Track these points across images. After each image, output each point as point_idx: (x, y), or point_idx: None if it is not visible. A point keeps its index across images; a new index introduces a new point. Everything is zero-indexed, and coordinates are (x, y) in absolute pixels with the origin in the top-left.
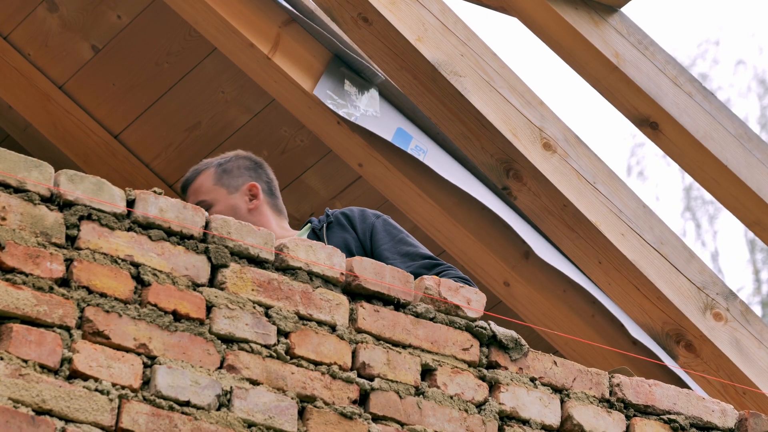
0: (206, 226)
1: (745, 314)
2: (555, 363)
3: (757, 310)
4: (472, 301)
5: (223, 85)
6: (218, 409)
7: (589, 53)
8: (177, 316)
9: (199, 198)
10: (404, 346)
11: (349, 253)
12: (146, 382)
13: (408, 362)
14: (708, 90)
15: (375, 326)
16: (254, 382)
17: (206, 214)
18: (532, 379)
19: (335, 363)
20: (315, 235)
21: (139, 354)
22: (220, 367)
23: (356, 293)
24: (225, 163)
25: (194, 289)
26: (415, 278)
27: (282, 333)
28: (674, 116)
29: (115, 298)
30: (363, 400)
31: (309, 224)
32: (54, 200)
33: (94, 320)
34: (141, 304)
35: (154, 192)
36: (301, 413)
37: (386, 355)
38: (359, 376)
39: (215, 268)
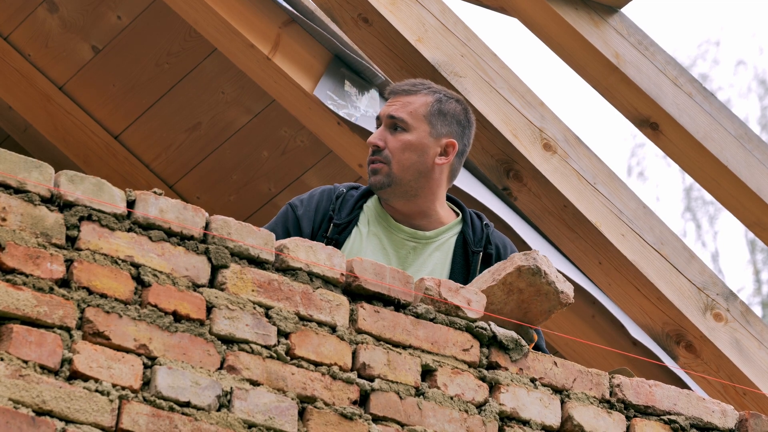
0: (206, 226)
1: (745, 315)
2: (555, 364)
3: (758, 310)
4: (472, 301)
5: (223, 85)
6: (218, 410)
7: (589, 54)
8: (177, 317)
9: (400, 114)
10: (404, 347)
11: None
12: (146, 383)
13: (408, 363)
14: (708, 90)
15: (375, 327)
16: (254, 383)
17: (206, 214)
18: (533, 380)
19: (335, 364)
20: (464, 246)
21: (139, 355)
22: (221, 368)
23: (356, 294)
24: (445, 102)
25: (194, 290)
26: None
27: (282, 334)
28: (674, 117)
29: (116, 299)
30: (363, 400)
31: (460, 218)
32: (54, 201)
33: (94, 321)
34: (141, 305)
35: (155, 193)
36: (302, 414)
37: (386, 356)
38: (359, 376)
39: (215, 269)
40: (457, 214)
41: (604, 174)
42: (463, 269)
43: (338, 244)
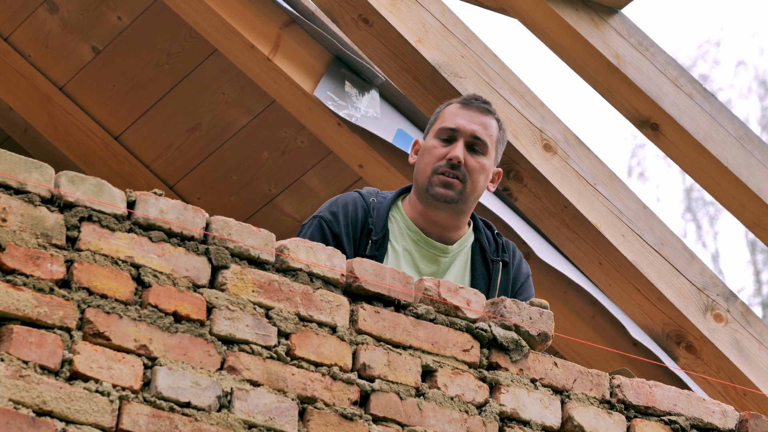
0: (207, 227)
1: (745, 315)
2: (555, 364)
3: (758, 311)
4: (471, 302)
5: (223, 86)
6: (219, 411)
7: (589, 54)
8: (177, 318)
9: (484, 137)
10: (405, 348)
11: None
12: (147, 384)
13: (408, 363)
14: (708, 91)
15: (375, 327)
16: (255, 384)
17: (206, 215)
18: (533, 381)
19: (336, 364)
20: (482, 253)
21: (139, 355)
22: (221, 369)
23: (357, 294)
24: (504, 131)
25: (195, 291)
26: None
27: (282, 334)
28: (675, 117)
29: (116, 300)
30: (363, 401)
31: (472, 232)
32: (54, 201)
33: (94, 321)
34: (141, 306)
35: (155, 193)
36: (302, 414)
37: (387, 357)
38: (360, 377)
39: (216, 270)
40: (468, 223)
41: (605, 174)
42: (484, 277)
43: (378, 261)
